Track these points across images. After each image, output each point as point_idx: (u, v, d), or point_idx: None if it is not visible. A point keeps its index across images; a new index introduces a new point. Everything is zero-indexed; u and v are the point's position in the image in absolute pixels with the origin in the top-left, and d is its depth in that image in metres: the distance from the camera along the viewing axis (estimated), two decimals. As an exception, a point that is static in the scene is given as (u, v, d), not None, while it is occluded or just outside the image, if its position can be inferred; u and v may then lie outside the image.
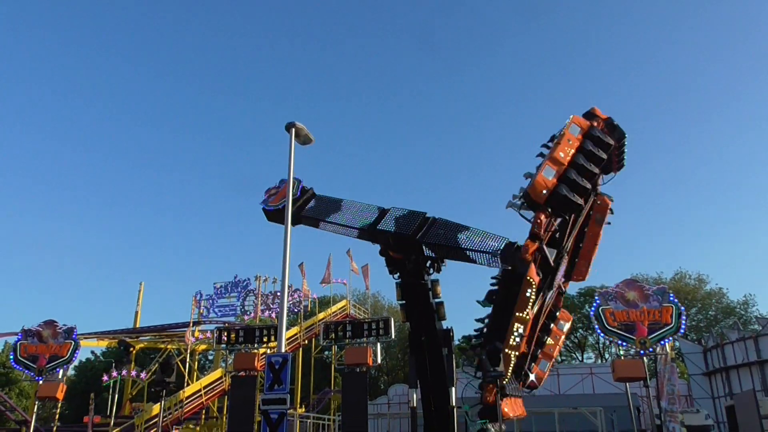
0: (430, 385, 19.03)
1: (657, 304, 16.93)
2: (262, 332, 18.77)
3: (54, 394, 19.99)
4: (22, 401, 50.11)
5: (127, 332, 37.84)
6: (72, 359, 20.87)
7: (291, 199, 15.83)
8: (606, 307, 17.10)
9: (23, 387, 53.38)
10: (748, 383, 33.26)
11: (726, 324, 48.68)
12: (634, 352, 16.46)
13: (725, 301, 56.09)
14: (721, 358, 37.15)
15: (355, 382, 16.92)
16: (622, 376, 16.31)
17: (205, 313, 38.65)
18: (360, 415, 16.40)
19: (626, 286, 17.38)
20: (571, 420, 31.81)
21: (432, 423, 19.24)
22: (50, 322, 21.38)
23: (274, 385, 12.36)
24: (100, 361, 58.82)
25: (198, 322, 37.20)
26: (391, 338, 17.42)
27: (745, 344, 35.25)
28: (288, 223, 14.92)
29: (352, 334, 17.56)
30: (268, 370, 12.53)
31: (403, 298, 18.57)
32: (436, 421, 19.07)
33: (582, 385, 40.26)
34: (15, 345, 21.30)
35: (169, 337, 37.59)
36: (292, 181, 15.96)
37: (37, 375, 20.38)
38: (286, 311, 13.72)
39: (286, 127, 16.41)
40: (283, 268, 14.19)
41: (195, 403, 31.74)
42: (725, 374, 36.75)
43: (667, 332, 16.45)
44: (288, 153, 16.27)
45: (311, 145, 17.21)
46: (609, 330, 16.78)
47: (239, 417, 17.65)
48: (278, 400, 12.24)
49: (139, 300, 42.59)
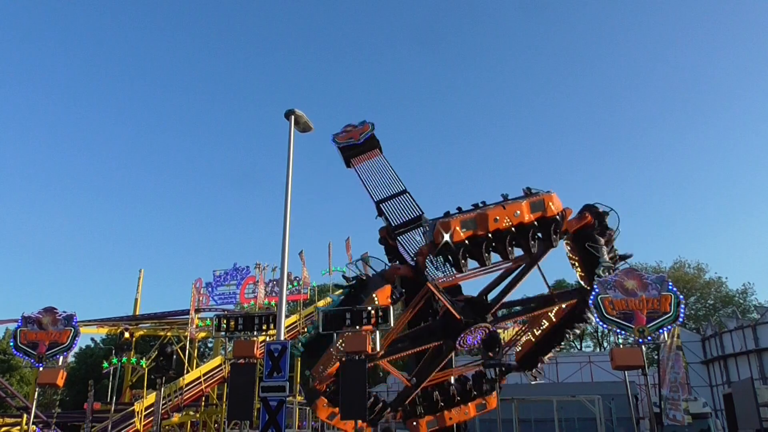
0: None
1: (656, 293, 16.85)
2: (261, 320, 18.72)
3: (54, 380, 20.00)
4: (23, 388, 50.32)
5: (126, 319, 37.94)
6: (72, 346, 20.84)
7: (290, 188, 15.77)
8: (605, 296, 17.02)
9: (24, 374, 53.62)
10: (746, 371, 33.39)
11: (725, 312, 48.84)
12: (632, 340, 16.46)
13: (724, 290, 56.23)
14: (719, 347, 37.28)
15: (354, 370, 16.90)
16: (621, 364, 16.29)
17: (205, 301, 38.70)
18: (359, 403, 16.38)
19: (625, 275, 17.34)
20: (570, 408, 31.94)
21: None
22: (50, 309, 21.34)
23: (273, 373, 12.40)
24: (100, 348, 59.02)
25: (199, 309, 37.26)
26: (390, 326, 17.37)
27: (744, 333, 35.37)
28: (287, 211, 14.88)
29: (351, 322, 17.54)
30: (267, 357, 12.55)
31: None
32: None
33: (580, 373, 40.43)
34: (15, 332, 21.30)
35: (169, 325, 37.67)
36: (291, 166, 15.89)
37: (37, 362, 20.40)
38: (285, 299, 13.71)
39: (286, 114, 16.36)
40: (282, 255, 14.19)
41: (195, 391, 31.89)
42: (723, 363, 36.90)
43: (665, 321, 16.38)
44: (287, 141, 16.25)
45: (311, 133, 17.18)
46: (608, 319, 16.71)
47: (238, 404, 17.68)
48: (277, 387, 12.27)
49: (139, 287, 42.61)
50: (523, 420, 32.49)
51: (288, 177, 15.61)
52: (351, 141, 17.83)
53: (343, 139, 18.22)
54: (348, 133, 18.47)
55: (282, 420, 11.96)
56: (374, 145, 18.13)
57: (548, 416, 30.93)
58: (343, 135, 18.45)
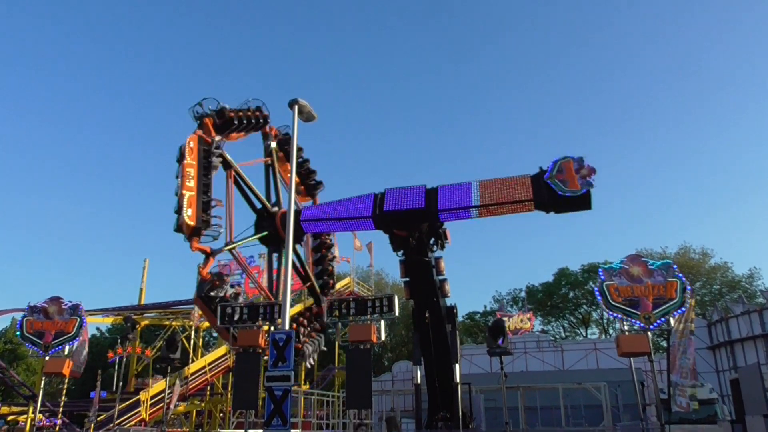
0: (434, 362, 19.05)
1: (662, 279, 16.80)
2: (266, 309, 18.74)
3: (60, 370, 20.12)
4: (29, 377, 50.63)
5: (132, 309, 37.99)
6: (77, 335, 20.95)
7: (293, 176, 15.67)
8: (610, 283, 16.98)
9: (30, 363, 53.90)
10: (752, 356, 33.27)
11: (731, 298, 48.61)
12: (638, 327, 16.40)
13: (730, 275, 55.89)
14: (725, 332, 37.16)
15: (359, 359, 16.88)
16: (627, 351, 16.26)
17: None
18: (364, 392, 16.38)
19: (631, 262, 17.26)
20: (576, 395, 31.95)
21: (436, 399, 19.31)
22: (56, 299, 21.44)
23: (278, 362, 12.31)
24: (105, 337, 59.29)
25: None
26: (395, 315, 17.32)
27: (750, 318, 35.22)
28: (291, 203, 14.78)
29: (356, 312, 17.50)
30: (272, 347, 12.47)
31: (407, 275, 18.51)
32: (440, 397, 19.14)
33: (586, 360, 40.36)
34: (21, 321, 21.38)
35: (174, 314, 37.73)
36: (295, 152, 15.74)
37: (43, 351, 20.48)
38: (290, 289, 13.62)
39: (289, 103, 16.17)
40: (286, 244, 14.09)
41: (200, 380, 31.97)
42: (730, 348, 36.79)
43: (671, 307, 16.33)
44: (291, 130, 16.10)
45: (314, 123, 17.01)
46: (613, 305, 16.68)
47: (244, 393, 17.71)
48: (282, 377, 12.19)
49: (144, 277, 42.74)
50: (529, 407, 32.50)
51: (292, 165, 15.49)
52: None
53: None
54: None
55: (287, 409, 11.90)
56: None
57: (554, 403, 30.92)
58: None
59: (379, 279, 61.99)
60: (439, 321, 18.71)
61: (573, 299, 60.78)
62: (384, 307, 17.23)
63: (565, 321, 64.03)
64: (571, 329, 63.72)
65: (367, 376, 16.59)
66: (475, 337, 60.85)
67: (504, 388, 18.13)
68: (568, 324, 64.24)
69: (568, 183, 15.89)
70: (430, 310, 18.56)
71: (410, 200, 17.01)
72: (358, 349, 16.92)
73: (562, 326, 64.34)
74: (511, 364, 35.38)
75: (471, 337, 61.59)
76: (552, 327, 63.56)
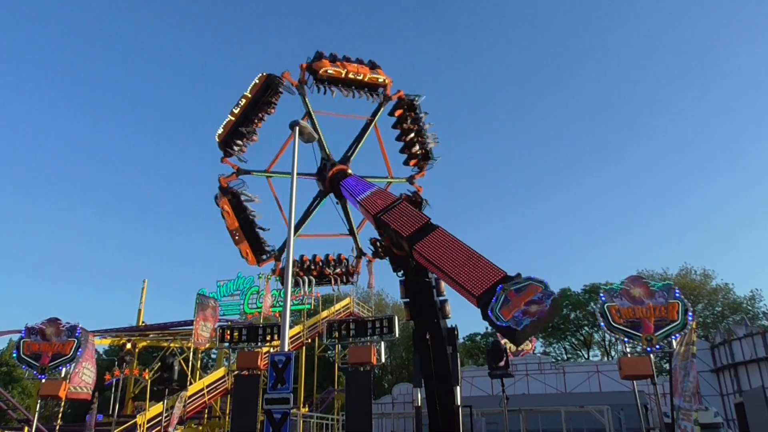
0: (434, 384, 18.82)
1: (663, 301, 16.68)
2: (265, 331, 18.61)
3: (57, 392, 19.86)
4: (24, 400, 50.12)
5: (130, 330, 37.75)
6: (75, 357, 20.73)
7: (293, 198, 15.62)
8: (611, 304, 16.85)
9: (26, 385, 53.43)
10: (757, 380, 33.00)
11: (733, 320, 48.35)
12: (640, 349, 16.25)
13: (732, 297, 55.65)
14: (729, 355, 36.83)
15: (358, 381, 16.73)
16: (629, 374, 16.10)
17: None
18: (364, 415, 16.20)
19: (632, 283, 17.16)
20: (578, 418, 31.59)
21: (437, 422, 19.03)
22: (53, 320, 21.23)
23: (277, 384, 12.19)
24: (103, 359, 58.82)
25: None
26: (395, 337, 17.19)
27: (753, 340, 34.93)
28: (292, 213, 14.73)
29: (355, 333, 17.38)
30: (271, 369, 12.36)
31: (407, 295, 18.36)
32: (441, 420, 18.87)
33: (588, 383, 40.01)
34: (18, 343, 21.17)
35: (172, 336, 37.47)
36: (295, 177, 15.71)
37: (40, 373, 20.25)
38: (289, 310, 13.52)
39: (290, 125, 16.23)
40: (287, 265, 14.02)
41: (198, 402, 31.62)
42: (733, 371, 36.43)
43: (673, 329, 16.17)
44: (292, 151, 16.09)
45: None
46: (615, 327, 16.53)
47: (242, 416, 17.50)
48: (281, 399, 12.07)
49: (143, 298, 42.54)
50: (531, 431, 32.17)
51: (292, 187, 15.43)
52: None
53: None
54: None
55: (286, 433, 11.75)
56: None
57: (556, 427, 30.57)
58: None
59: (380, 300, 61.78)
60: (439, 342, 18.53)
61: (574, 320, 60.42)
62: (384, 328, 17.11)
63: (566, 342, 63.63)
64: (572, 351, 63.30)
65: (367, 399, 16.42)
66: (476, 359, 60.44)
67: (506, 411, 17.95)
68: (569, 345, 63.81)
69: (509, 309, 12.74)
70: (431, 331, 18.37)
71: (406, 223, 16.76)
72: (357, 372, 16.77)
73: (564, 348, 63.94)
74: (512, 387, 35.10)
75: (472, 359, 61.19)
76: (554, 348, 63.14)
